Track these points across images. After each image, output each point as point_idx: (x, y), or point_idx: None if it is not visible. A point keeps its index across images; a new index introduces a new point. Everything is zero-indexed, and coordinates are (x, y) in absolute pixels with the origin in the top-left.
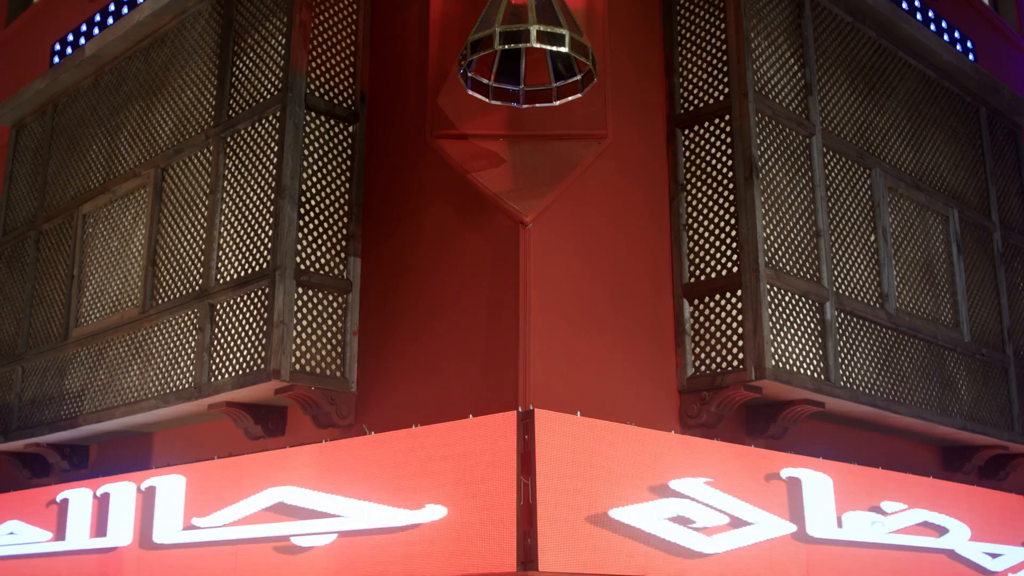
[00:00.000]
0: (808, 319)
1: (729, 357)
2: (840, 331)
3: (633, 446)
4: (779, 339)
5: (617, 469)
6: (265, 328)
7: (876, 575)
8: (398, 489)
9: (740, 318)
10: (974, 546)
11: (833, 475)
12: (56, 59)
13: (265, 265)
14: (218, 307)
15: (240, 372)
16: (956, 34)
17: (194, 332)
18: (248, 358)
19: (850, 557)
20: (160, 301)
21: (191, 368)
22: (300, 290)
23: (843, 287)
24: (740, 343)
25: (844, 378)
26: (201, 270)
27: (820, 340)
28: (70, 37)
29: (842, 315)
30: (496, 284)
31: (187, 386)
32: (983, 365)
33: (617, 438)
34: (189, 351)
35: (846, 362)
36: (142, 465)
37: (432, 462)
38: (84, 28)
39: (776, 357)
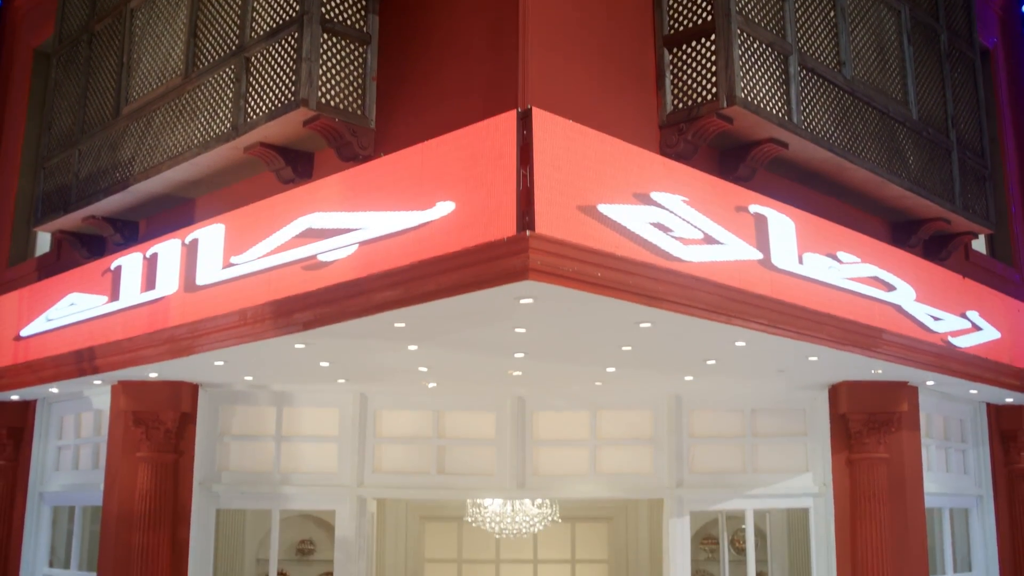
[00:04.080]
0: (774, 67)
1: (704, 92)
2: (802, 84)
3: (619, 157)
4: (748, 77)
5: (606, 173)
6: (295, 67)
7: (832, 311)
8: (413, 197)
9: (714, 59)
10: (919, 306)
11: (795, 221)
12: None
13: (294, 14)
14: (252, 59)
15: (272, 108)
16: None
17: (231, 84)
18: (280, 95)
19: (810, 291)
20: (200, 66)
21: (228, 115)
22: (325, 36)
23: (805, 48)
24: (713, 79)
25: (806, 123)
26: (237, 32)
27: (785, 87)
28: None
29: (804, 71)
30: (498, 19)
31: (225, 130)
32: (929, 143)
33: (606, 147)
34: (227, 101)
35: (807, 111)
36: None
37: (442, 169)
38: None
39: (745, 91)
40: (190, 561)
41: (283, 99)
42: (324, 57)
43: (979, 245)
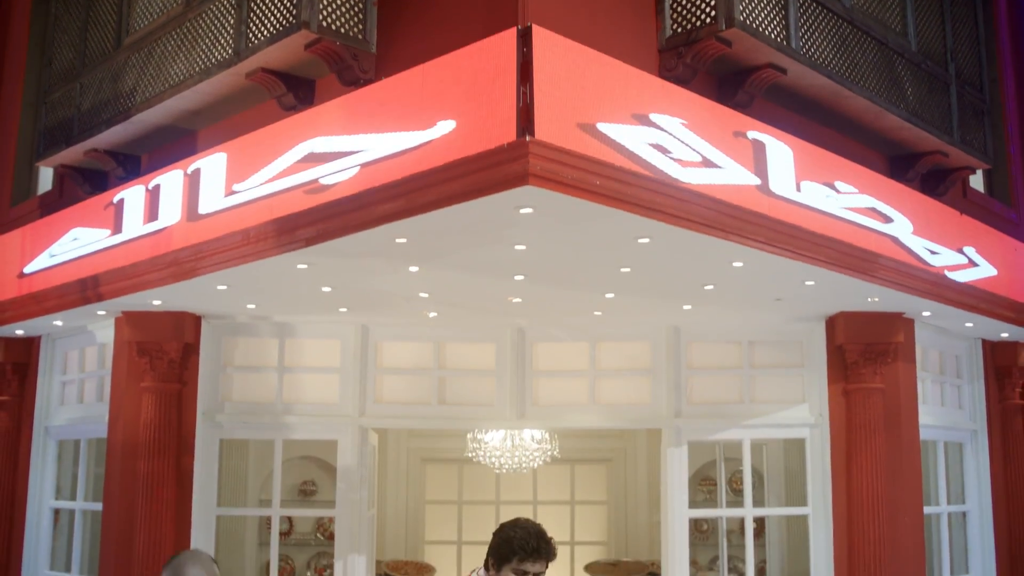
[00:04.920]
0: None
1: (703, 16)
2: (801, 9)
3: (619, 78)
4: (747, 1)
5: (605, 93)
6: None
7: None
8: (414, 118)
9: None
10: (916, 239)
11: (793, 149)
12: None
13: None
14: None
15: (274, 32)
16: None
17: (232, 10)
18: (281, 19)
19: (807, 218)
20: None
21: (230, 41)
22: None
23: None
24: (712, 2)
25: (804, 49)
26: None
27: (783, 12)
28: None
29: None
30: None
31: (227, 56)
32: (928, 76)
33: (605, 68)
34: (228, 27)
35: (806, 37)
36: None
37: (443, 89)
38: None
39: (744, 15)
40: (195, 489)
41: (285, 23)
42: None
43: (977, 184)
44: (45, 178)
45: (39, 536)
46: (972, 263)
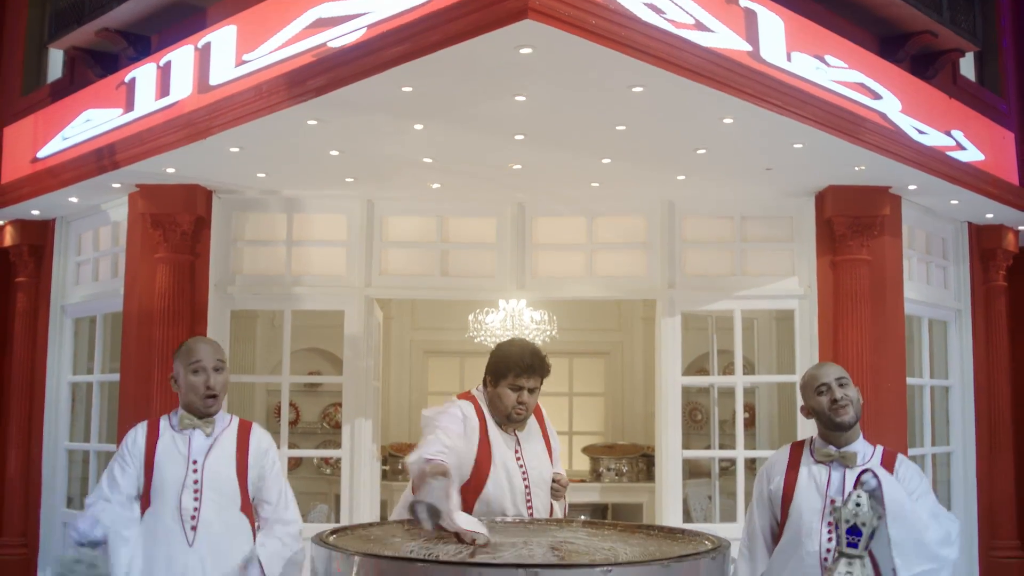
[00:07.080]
0: None
1: None
2: None
3: None
4: None
5: None
6: None
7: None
8: None
9: None
10: (904, 118)
11: (784, 20)
12: None
13: None
14: None
15: None
16: None
17: None
18: None
19: (797, 86)
20: None
21: None
22: None
23: None
24: None
25: None
26: None
27: None
28: None
29: None
30: None
31: None
32: None
33: None
34: None
35: None
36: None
37: None
38: None
39: None
40: None
41: None
42: None
43: (968, 73)
44: (55, 67)
45: (58, 410)
46: (959, 146)
